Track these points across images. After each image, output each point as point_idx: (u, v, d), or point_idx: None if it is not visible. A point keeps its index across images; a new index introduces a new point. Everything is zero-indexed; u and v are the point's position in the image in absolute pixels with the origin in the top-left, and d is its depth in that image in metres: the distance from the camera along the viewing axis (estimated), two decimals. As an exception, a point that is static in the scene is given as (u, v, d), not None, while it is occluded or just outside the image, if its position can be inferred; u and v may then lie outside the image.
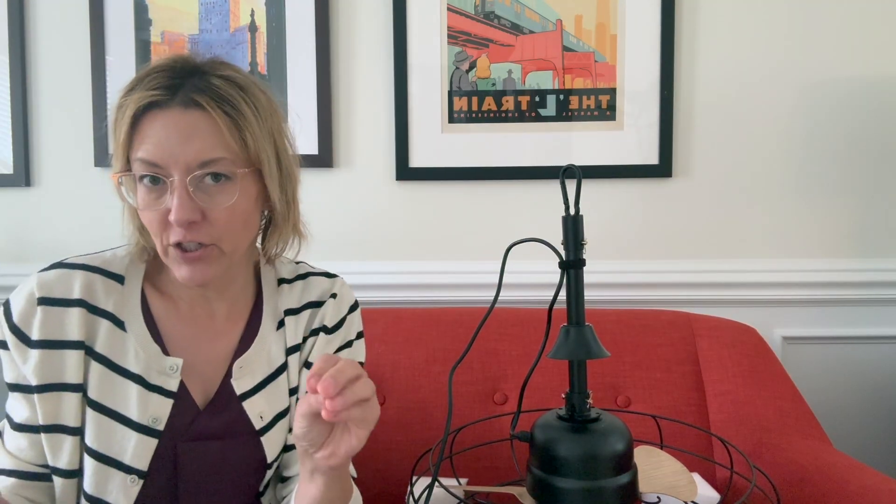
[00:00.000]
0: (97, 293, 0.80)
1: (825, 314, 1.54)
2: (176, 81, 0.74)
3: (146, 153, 0.72)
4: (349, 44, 1.54)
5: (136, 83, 0.74)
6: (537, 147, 1.52)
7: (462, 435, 1.07)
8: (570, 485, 0.71)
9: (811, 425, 1.23)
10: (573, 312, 0.76)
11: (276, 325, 0.88)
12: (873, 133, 1.52)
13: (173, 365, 0.80)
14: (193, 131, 0.72)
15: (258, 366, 0.85)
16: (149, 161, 0.72)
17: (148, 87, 0.72)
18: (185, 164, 0.72)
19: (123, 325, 0.80)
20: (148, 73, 0.74)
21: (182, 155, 0.72)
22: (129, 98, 0.73)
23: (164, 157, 0.72)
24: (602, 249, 1.52)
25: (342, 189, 1.56)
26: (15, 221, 1.58)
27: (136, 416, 0.78)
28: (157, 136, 0.72)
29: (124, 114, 0.73)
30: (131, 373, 0.79)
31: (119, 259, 0.83)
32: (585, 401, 0.76)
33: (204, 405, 0.82)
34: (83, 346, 0.78)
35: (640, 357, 1.33)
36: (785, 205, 1.54)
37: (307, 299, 0.91)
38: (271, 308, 0.88)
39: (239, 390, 0.83)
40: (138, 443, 0.77)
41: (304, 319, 0.90)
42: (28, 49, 1.56)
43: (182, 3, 1.52)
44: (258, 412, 0.84)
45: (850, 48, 1.50)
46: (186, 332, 0.83)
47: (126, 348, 0.79)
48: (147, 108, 0.73)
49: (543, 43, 1.51)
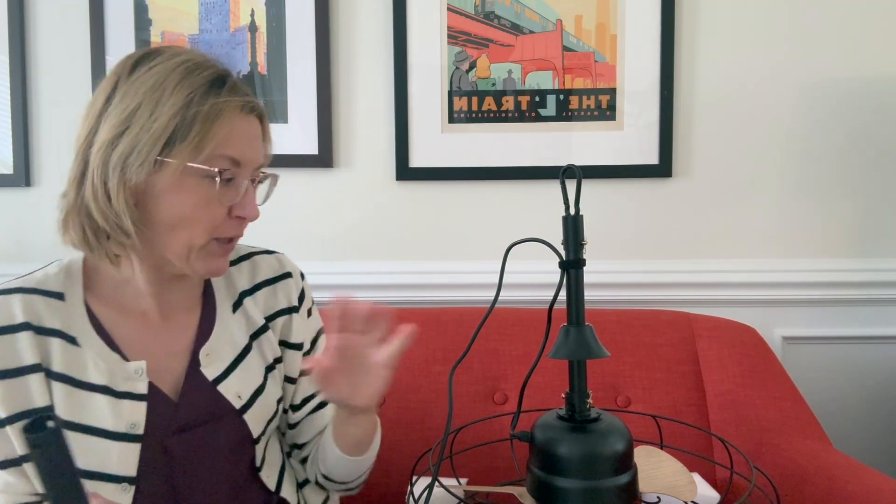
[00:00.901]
0: (40, 313, 0.79)
1: (825, 314, 1.54)
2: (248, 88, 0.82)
3: (235, 152, 0.78)
4: (349, 44, 1.54)
5: (219, 82, 0.77)
6: (537, 147, 1.52)
7: (462, 435, 1.07)
8: (570, 485, 0.71)
9: (811, 425, 1.23)
10: (573, 312, 0.76)
11: (231, 308, 0.90)
12: (873, 133, 1.52)
13: (137, 368, 0.80)
14: (259, 137, 0.83)
15: (224, 350, 0.87)
16: (235, 159, 0.78)
17: (238, 91, 0.79)
18: (254, 166, 0.81)
19: (75, 340, 0.79)
20: (224, 73, 0.79)
21: (255, 158, 0.81)
22: (231, 98, 0.77)
23: (245, 157, 0.79)
24: (602, 249, 1.52)
25: (342, 189, 1.56)
26: (15, 221, 1.58)
27: (112, 426, 0.77)
28: (244, 138, 0.79)
29: (222, 112, 0.76)
30: (96, 385, 0.78)
31: (52, 277, 0.82)
32: (585, 401, 0.76)
33: (177, 398, 0.83)
34: (41, 369, 0.77)
35: (640, 357, 1.33)
36: (785, 205, 1.54)
37: (260, 278, 0.94)
38: (222, 292, 0.90)
39: (211, 376, 0.84)
40: (121, 451, 0.77)
41: (262, 299, 0.93)
42: (28, 49, 1.56)
43: (182, 3, 1.52)
44: (235, 392, 0.85)
45: (850, 48, 1.50)
46: (140, 333, 0.83)
47: (84, 362, 0.79)
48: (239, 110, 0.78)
49: (543, 43, 1.51)
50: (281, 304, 0.93)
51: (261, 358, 0.90)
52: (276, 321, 0.93)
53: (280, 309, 0.93)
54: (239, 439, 0.86)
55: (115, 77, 0.77)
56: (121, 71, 0.77)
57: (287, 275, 0.95)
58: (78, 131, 0.78)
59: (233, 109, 0.77)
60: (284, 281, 0.95)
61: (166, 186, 0.75)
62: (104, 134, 0.74)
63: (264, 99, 1.53)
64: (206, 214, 0.78)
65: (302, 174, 1.55)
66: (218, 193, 0.77)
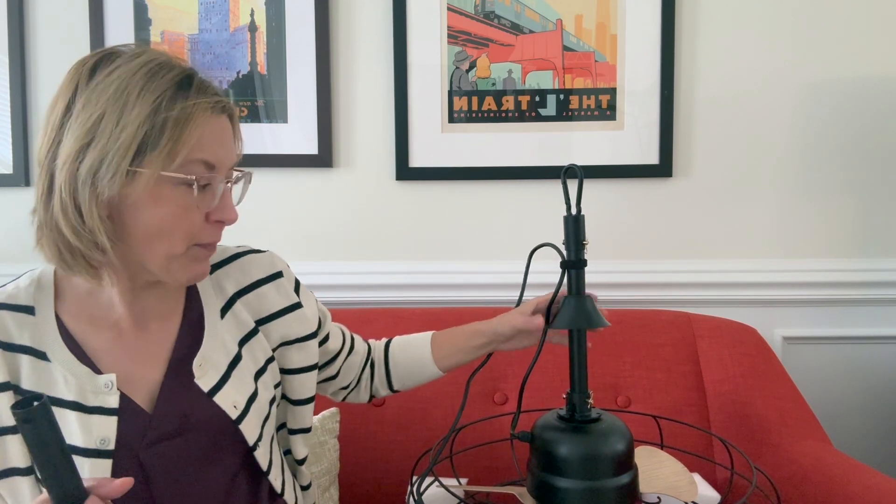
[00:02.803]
0: (9, 329, 0.77)
1: (825, 314, 1.54)
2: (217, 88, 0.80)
3: (209, 155, 0.75)
4: (349, 44, 1.54)
5: (186, 82, 0.74)
6: (537, 147, 1.52)
7: (462, 435, 1.07)
8: (570, 485, 0.71)
9: (811, 425, 1.23)
10: (573, 285, 0.77)
11: (220, 313, 0.87)
12: (873, 133, 1.52)
13: (107, 382, 0.77)
14: (230, 136, 0.80)
15: (218, 359, 0.84)
16: (209, 163, 0.75)
17: (207, 91, 0.76)
18: (227, 167, 0.78)
19: (45, 356, 0.77)
20: (189, 71, 0.76)
21: (228, 159, 0.78)
22: (200, 100, 0.74)
23: (219, 159, 0.76)
24: (602, 249, 1.52)
25: (342, 189, 1.56)
26: (15, 221, 1.58)
27: (83, 443, 0.75)
28: (215, 139, 0.76)
29: (192, 116, 0.73)
30: (65, 401, 0.76)
31: (23, 290, 0.80)
32: (586, 401, 0.76)
33: (152, 409, 0.80)
34: (10, 387, 0.75)
35: (640, 357, 1.33)
36: (785, 205, 1.54)
37: (254, 277, 0.91)
38: (210, 297, 0.87)
39: (206, 387, 0.81)
40: (92, 467, 0.74)
41: (255, 301, 0.90)
42: (28, 49, 1.55)
43: (182, 3, 1.52)
44: (231, 403, 0.82)
45: (850, 48, 1.50)
46: (113, 344, 0.81)
47: (54, 378, 0.77)
48: (210, 112, 0.75)
49: (543, 43, 1.51)
50: (277, 305, 0.91)
51: (252, 363, 0.88)
52: (272, 323, 0.90)
53: (279, 310, 0.91)
54: (232, 448, 0.84)
55: (72, 84, 0.73)
56: (78, 77, 0.74)
57: (279, 274, 0.93)
58: (39, 143, 0.74)
59: (203, 111, 0.74)
60: (277, 281, 0.92)
61: (141, 197, 0.72)
62: (68, 146, 0.70)
63: (264, 99, 1.53)
64: (184, 222, 0.75)
65: (302, 174, 1.55)
66: (196, 200, 0.74)
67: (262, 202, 1.54)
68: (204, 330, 0.85)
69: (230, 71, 1.53)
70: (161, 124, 0.71)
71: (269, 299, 0.91)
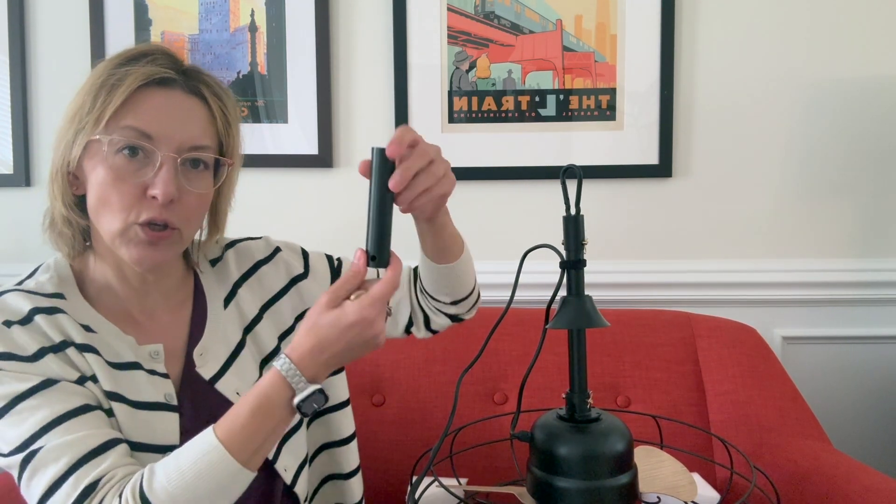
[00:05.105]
0: (46, 332, 0.75)
1: (825, 314, 1.54)
2: (178, 66, 0.79)
3: (142, 123, 0.74)
4: (349, 44, 1.54)
5: (139, 56, 0.76)
6: (537, 147, 1.52)
7: (462, 435, 1.07)
8: (570, 485, 0.71)
9: (811, 425, 1.23)
10: (573, 286, 0.77)
11: (223, 303, 0.89)
12: (873, 133, 1.52)
13: (153, 351, 0.80)
14: (191, 115, 0.78)
15: (217, 348, 0.85)
16: (142, 131, 0.74)
17: (156, 63, 0.76)
18: (178, 144, 0.76)
19: (90, 328, 0.78)
20: (150, 52, 0.77)
21: (178, 134, 0.76)
22: (133, 68, 0.74)
23: (159, 131, 0.74)
24: (602, 249, 1.52)
25: (342, 189, 1.56)
26: (15, 221, 1.58)
27: (153, 397, 0.78)
28: (158, 111, 0.75)
29: (123, 80, 0.74)
30: (128, 363, 0.78)
31: (46, 281, 0.79)
32: (585, 401, 0.76)
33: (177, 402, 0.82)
34: (85, 379, 0.76)
35: (640, 357, 1.33)
36: (785, 205, 1.54)
37: (254, 259, 0.93)
38: (213, 287, 0.89)
39: (207, 375, 0.83)
40: (162, 420, 0.77)
41: (258, 285, 0.92)
42: (28, 49, 1.55)
43: (182, 3, 1.52)
44: (234, 390, 0.84)
45: (850, 48, 1.50)
46: (135, 333, 0.82)
47: (108, 343, 0.78)
48: (153, 82, 0.76)
49: (543, 43, 1.51)
50: (277, 284, 0.93)
51: (256, 352, 0.89)
52: (279, 303, 0.92)
53: (281, 288, 0.93)
54: None
55: None
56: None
57: (276, 250, 0.95)
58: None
59: (137, 77, 0.74)
60: (275, 258, 0.94)
61: (87, 167, 0.75)
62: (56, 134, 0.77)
63: (264, 99, 1.53)
64: (117, 193, 0.74)
65: (302, 174, 1.55)
66: (131, 170, 0.74)
67: (263, 202, 1.54)
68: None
69: (230, 71, 1.53)
70: (97, 90, 0.74)
71: (269, 278, 0.93)
